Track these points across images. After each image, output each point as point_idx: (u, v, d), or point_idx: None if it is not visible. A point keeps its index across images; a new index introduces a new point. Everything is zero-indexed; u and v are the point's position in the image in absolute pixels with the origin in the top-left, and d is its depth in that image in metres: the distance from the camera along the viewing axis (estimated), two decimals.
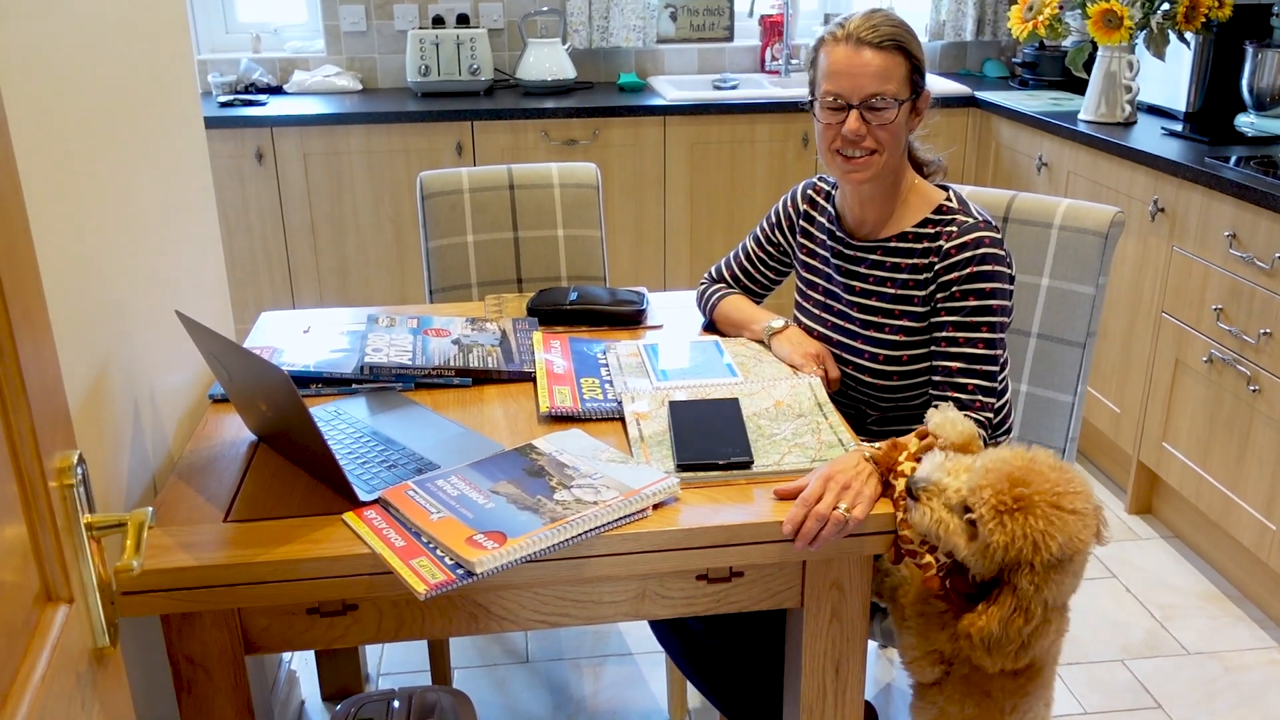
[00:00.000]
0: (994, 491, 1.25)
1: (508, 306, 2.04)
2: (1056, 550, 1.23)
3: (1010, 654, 1.29)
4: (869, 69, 1.56)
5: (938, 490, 1.29)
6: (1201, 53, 3.00)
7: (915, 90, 1.61)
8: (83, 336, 1.31)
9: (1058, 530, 1.24)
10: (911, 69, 1.60)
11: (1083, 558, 1.28)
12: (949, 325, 1.60)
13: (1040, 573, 1.25)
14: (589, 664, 2.31)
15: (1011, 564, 1.26)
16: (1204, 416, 2.54)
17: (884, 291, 1.68)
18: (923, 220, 1.66)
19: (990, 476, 1.26)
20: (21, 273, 0.82)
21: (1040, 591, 1.25)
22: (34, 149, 1.19)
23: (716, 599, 1.40)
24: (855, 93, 1.57)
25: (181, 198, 1.75)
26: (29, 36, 1.20)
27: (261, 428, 1.50)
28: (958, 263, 1.59)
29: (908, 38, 1.60)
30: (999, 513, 1.24)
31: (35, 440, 0.81)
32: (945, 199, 1.67)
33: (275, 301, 3.54)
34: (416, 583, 1.19)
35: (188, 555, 1.25)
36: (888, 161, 1.62)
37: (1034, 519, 1.23)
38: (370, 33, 3.84)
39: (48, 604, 0.83)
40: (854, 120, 1.58)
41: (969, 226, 1.61)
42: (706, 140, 3.55)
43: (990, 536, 1.24)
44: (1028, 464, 1.27)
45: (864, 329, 1.70)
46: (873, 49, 1.57)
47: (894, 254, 1.67)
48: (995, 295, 1.59)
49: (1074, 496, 1.26)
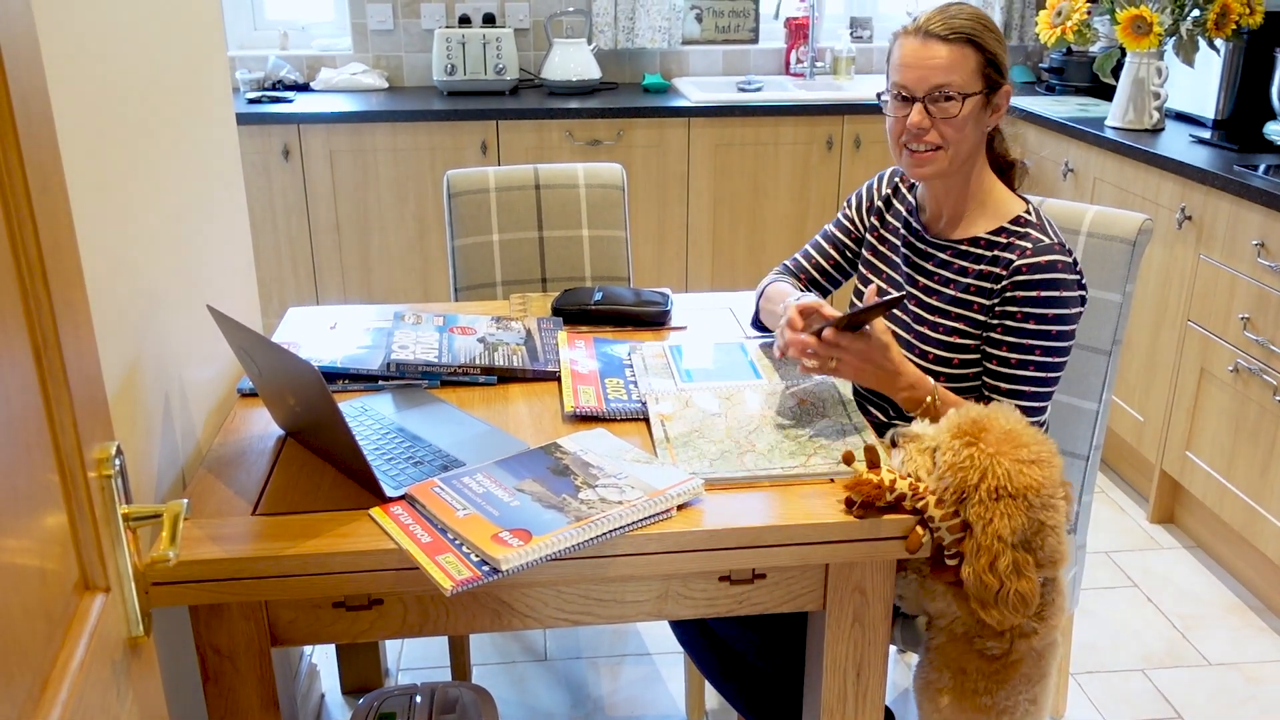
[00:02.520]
0: (955, 426, 1.37)
1: (532, 306, 2.05)
2: (1001, 477, 1.31)
3: (1005, 598, 1.30)
4: (934, 61, 1.55)
5: (914, 437, 1.42)
6: (1231, 60, 2.98)
7: (990, 85, 1.58)
8: (117, 328, 1.32)
9: (1006, 460, 1.32)
10: (985, 63, 1.57)
11: (1041, 504, 1.33)
12: (1004, 345, 1.59)
13: (986, 503, 1.31)
14: (607, 663, 2.32)
15: (960, 490, 1.33)
16: (1229, 426, 2.53)
17: (945, 292, 1.66)
18: (998, 229, 1.63)
19: (959, 415, 1.39)
20: (65, 265, 0.83)
21: (991, 525, 1.30)
22: (74, 144, 1.21)
23: (739, 600, 1.40)
24: (920, 85, 1.56)
25: (213, 193, 1.76)
26: (73, 33, 1.21)
27: (289, 422, 1.52)
28: (1026, 283, 1.56)
29: (981, 31, 1.57)
30: (954, 439, 1.35)
31: (76, 431, 0.82)
32: (1025, 211, 1.64)
33: (299, 297, 3.57)
34: (443, 579, 1.20)
35: (217, 547, 1.26)
36: (954, 157, 1.59)
37: (984, 446, 1.33)
38: (397, 31, 3.87)
39: (85, 592, 0.84)
40: (917, 113, 1.57)
41: (1044, 247, 1.57)
42: (730, 142, 3.55)
43: (943, 457, 1.34)
44: (995, 411, 1.39)
45: (918, 324, 1.69)
46: (940, 41, 1.55)
47: (963, 257, 1.65)
48: (1058, 321, 1.56)
49: (1033, 445, 1.35)
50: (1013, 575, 1.29)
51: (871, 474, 1.33)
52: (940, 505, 1.33)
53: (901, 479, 1.34)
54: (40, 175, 0.80)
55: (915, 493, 1.34)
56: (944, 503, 1.33)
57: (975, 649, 1.43)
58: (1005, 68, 1.60)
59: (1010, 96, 1.63)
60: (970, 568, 1.31)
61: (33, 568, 0.74)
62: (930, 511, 1.33)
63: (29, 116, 0.78)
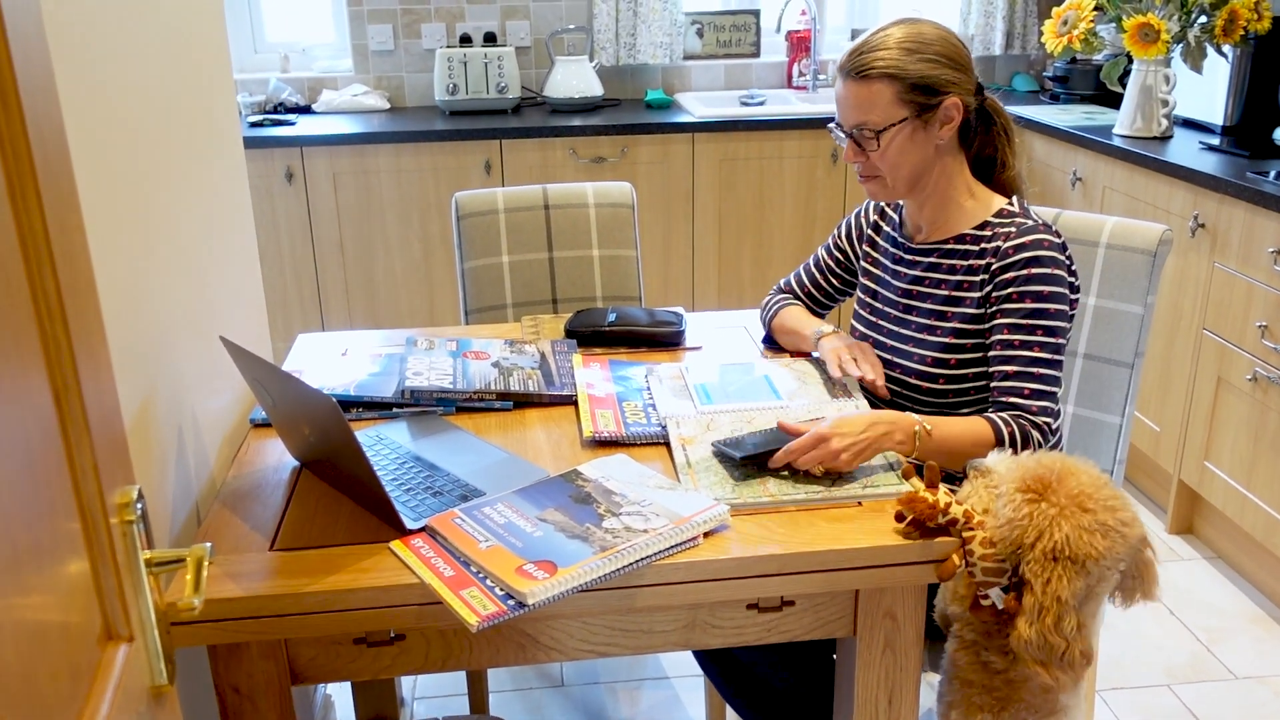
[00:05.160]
0: (1021, 478, 1.30)
1: (545, 328, 2.03)
2: (1060, 542, 1.24)
3: (1072, 660, 1.25)
4: (850, 101, 1.61)
5: (985, 472, 1.37)
6: (1239, 66, 2.96)
7: (922, 106, 1.58)
8: (131, 364, 1.30)
9: (1068, 525, 1.25)
10: (908, 88, 1.56)
11: (1098, 575, 1.27)
12: (1005, 328, 1.59)
13: (1042, 563, 1.25)
14: (625, 687, 2.29)
15: (1016, 545, 1.28)
16: (1248, 435, 2.50)
17: (937, 294, 1.67)
18: (981, 224, 1.65)
19: (1030, 464, 1.31)
20: (84, 306, 0.81)
21: (1049, 585, 1.25)
22: (88, 180, 1.18)
23: (767, 628, 1.38)
24: (846, 122, 1.63)
25: (222, 221, 1.74)
26: (84, 68, 1.19)
27: (304, 453, 1.49)
28: (1015, 263, 1.58)
29: (897, 60, 1.56)
30: (1017, 491, 1.29)
31: (98, 475, 0.80)
32: (1007, 204, 1.67)
33: (304, 320, 3.55)
34: (468, 614, 1.17)
35: (235, 585, 1.23)
36: (894, 180, 1.63)
37: (1047, 506, 1.26)
38: (398, 52, 3.86)
39: (109, 643, 0.82)
40: (848, 149, 1.64)
41: (1028, 228, 1.60)
42: (734, 157, 3.54)
43: (1003, 508, 1.29)
44: (1073, 468, 1.30)
45: (916, 331, 1.69)
46: (853, 80, 1.59)
47: (950, 255, 1.67)
48: (1053, 299, 1.57)
49: (1104, 509, 1.27)
50: (1076, 636, 1.25)
51: (928, 493, 1.31)
52: (987, 545, 1.30)
53: (957, 504, 1.31)
54: (58, 215, 0.77)
55: (968, 521, 1.31)
56: (994, 545, 1.30)
57: (981, 660, 1.40)
58: (941, 82, 1.57)
59: (960, 106, 1.59)
60: (1034, 627, 1.26)
61: (56, 622, 0.71)
62: (973, 546, 1.30)
63: (46, 157, 0.76)
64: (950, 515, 1.30)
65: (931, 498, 1.30)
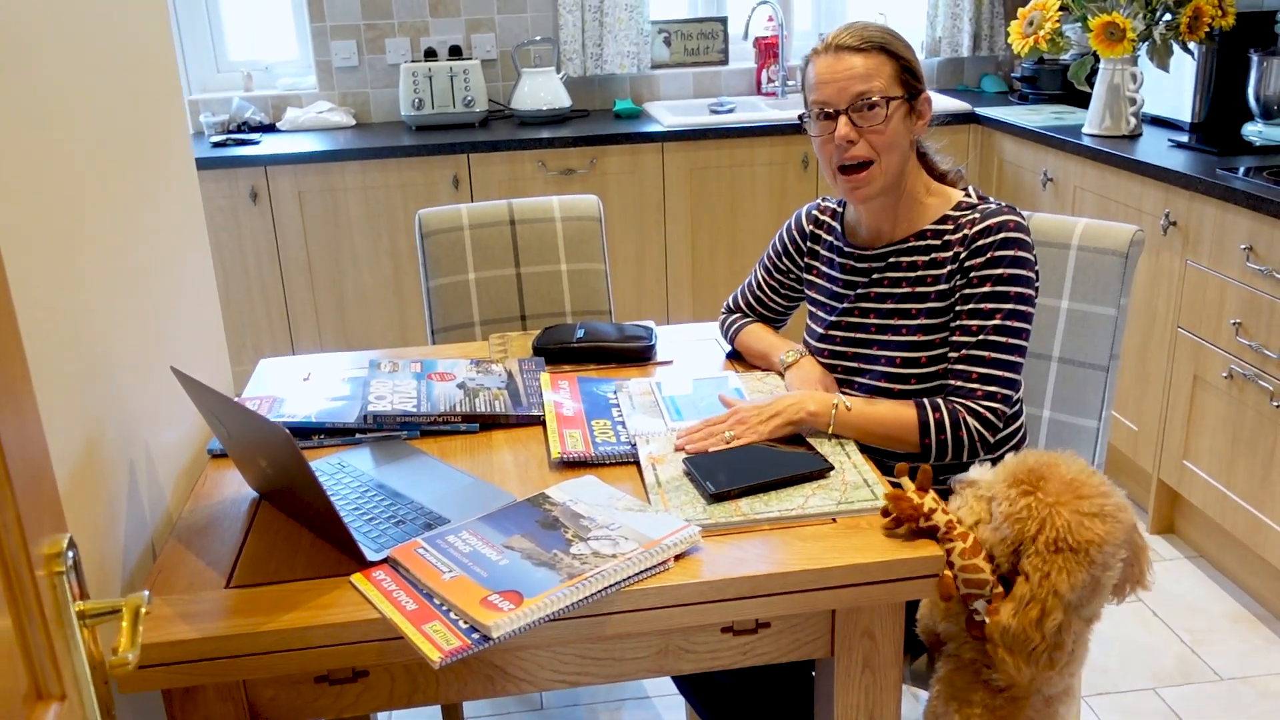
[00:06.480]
0: (1011, 474, 1.31)
1: (513, 346, 1.99)
2: (1062, 530, 1.24)
3: (1037, 657, 1.24)
4: (851, 71, 1.56)
5: (970, 483, 1.37)
6: (1205, 62, 2.96)
7: (910, 91, 1.58)
8: (72, 399, 1.25)
9: (1067, 511, 1.25)
10: (901, 69, 1.58)
11: (1103, 563, 1.26)
12: (964, 313, 1.58)
13: (1044, 555, 1.24)
14: (605, 709, 2.24)
15: (1017, 542, 1.27)
16: (1226, 433, 2.49)
17: (899, 292, 1.64)
18: (942, 217, 1.63)
19: (1016, 463, 1.31)
20: (2, 343, 0.77)
21: (1049, 579, 1.23)
22: (15, 199, 1.14)
23: (742, 652, 1.34)
24: (841, 97, 1.56)
25: (174, 245, 1.69)
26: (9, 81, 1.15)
27: (263, 485, 1.45)
28: (980, 247, 1.56)
29: (892, 40, 1.59)
30: (1010, 488, 1.29)
31: (21, 529, 0.75)
32: (964, 195, 1.65)
33: (273, 342, 3.49)
34: (430, 650, 1.13)
35: (189, 627, 1.19)
36: (888, 171, 1.58)
37: (1043, 495, 1.27)
38: (362, 67, 3.81)
39: (38, 703, 0.77)
40: (844, 125, 1.56)
41: (992, 212, 1.58)
42: (705, 165, 3.51)
43: (999, 508, 1.28)
44: (1059, 459, 1.31)
45: (880, 334, 1.66)
46: (853, 52, 1.56)
47: (911, 253, 1.64)
48: (1015, 282, 1.55)
49: (1097, 497, 1.27)
50: (1055, 635, 1.23)
51: (915, 494, 1.29)
52: (968, 555, 1.27)
53: (943, 513, 1.29)
54: None
55: (948, 531, 1.28)
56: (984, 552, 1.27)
57: (982, 679, 1.37)
58: (921, 76, 1.61)
59: (931, 104, 1.63)
60: (1017, 617, 1.24)
61: None
62: (954, 558, 1.27)
63: None
64: (932, 521, 1.28)
65: (917, 499, 1.28)
